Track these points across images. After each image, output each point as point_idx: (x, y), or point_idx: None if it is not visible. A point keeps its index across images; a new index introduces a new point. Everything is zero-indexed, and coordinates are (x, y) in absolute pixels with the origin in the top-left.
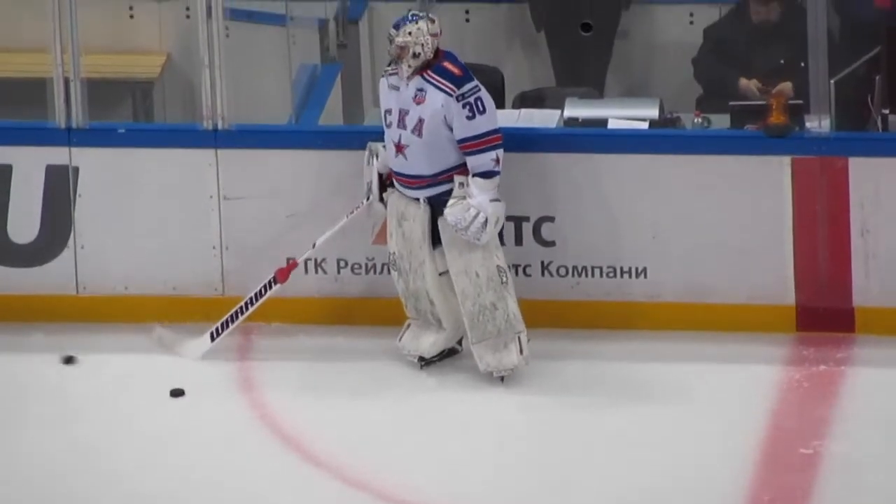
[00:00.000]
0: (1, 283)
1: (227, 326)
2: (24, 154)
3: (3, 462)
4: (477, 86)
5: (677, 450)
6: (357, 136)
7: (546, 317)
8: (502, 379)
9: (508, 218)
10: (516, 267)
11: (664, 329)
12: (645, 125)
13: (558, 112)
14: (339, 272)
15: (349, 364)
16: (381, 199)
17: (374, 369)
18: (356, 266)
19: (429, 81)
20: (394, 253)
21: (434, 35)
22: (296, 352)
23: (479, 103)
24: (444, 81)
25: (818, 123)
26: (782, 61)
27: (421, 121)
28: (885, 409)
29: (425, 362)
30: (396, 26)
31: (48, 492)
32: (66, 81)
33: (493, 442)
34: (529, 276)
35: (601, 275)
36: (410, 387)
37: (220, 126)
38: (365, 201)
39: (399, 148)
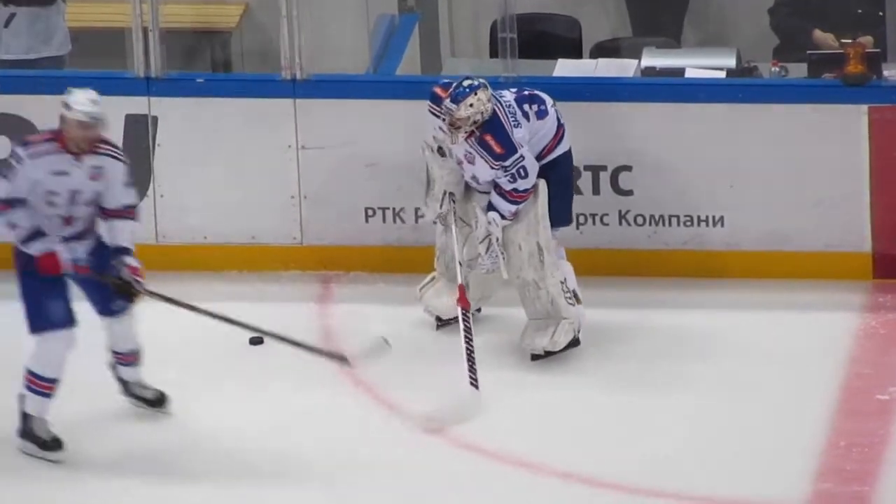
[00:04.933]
0: None
1: (474, 369)
2: (103, 103)
3: (84, 408)
4: (520, 156)
5: (754, 396)
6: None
7: (623, 266)
8: (532, 357)
9: (587, 167)
10: (593, 216)
11: (741, 277)
12: (722, 74)
13: (635, 62)
14: (416, 222)
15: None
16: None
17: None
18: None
19: (476, 151)
20: (446, 209)
21: (489, 99)
22: (374, 299)
23: (521, 171)
24: (488, 157)
25: None
26: (859, 11)
27: (475, 177)
28: None
29: (442, 323)
30: (454, 100)
31: (126, 439)
32: (146, 31)
33: (579, 390)
34: (607, 225)
35: (678, 224)
36: (491, 328)
37: (298, 76)
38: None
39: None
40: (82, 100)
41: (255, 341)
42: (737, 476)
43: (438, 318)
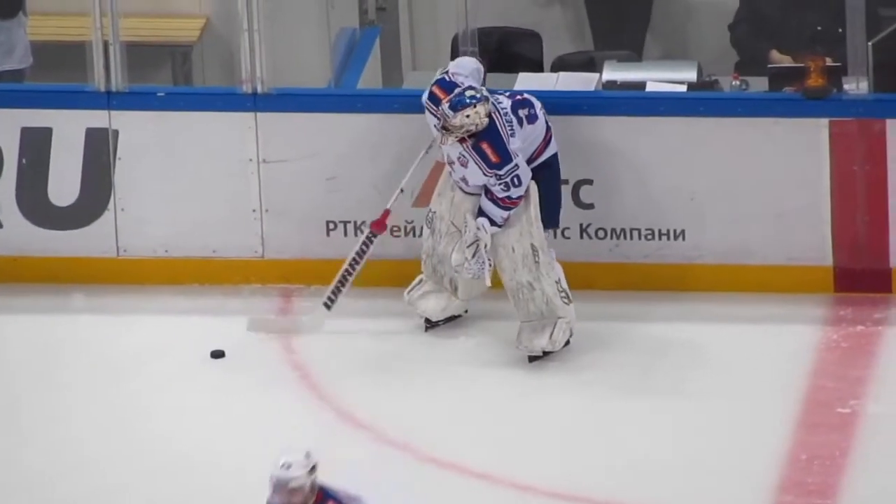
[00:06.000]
0: (41, 245)
1: (339, 291)
2: (63, 117)
3: (44, 423)
4: (514, 165)
5: (715, 409)
6: (396, 100)
7: (584, 279)
8: (529, 359)
9: None
10: (555, 229)
11: (702, 291)
12: (683, 88)
13: (597, 75)
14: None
15: (389, 323)
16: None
17: (414, 328)
18: (395, 229)
19: (470, 156)
20: (434, 212)
21: (487, 115)
22: (335, 313)
23: (515, 180)
24: (483, 165)
25: (856, 86)
26: (819, 28)
27: (465, 179)
28: None
29: (431, 325)
30: (453, 107)
31: (87, 452)
32: (106, 45)
33: (537, 398)
34: (568, 238)
35: (639, 237)
36: (447, 346)
37: (259, 90)
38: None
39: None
40: (279, 462)
41: (217, 354)
42: (697, 488)
43: (427, 321)
